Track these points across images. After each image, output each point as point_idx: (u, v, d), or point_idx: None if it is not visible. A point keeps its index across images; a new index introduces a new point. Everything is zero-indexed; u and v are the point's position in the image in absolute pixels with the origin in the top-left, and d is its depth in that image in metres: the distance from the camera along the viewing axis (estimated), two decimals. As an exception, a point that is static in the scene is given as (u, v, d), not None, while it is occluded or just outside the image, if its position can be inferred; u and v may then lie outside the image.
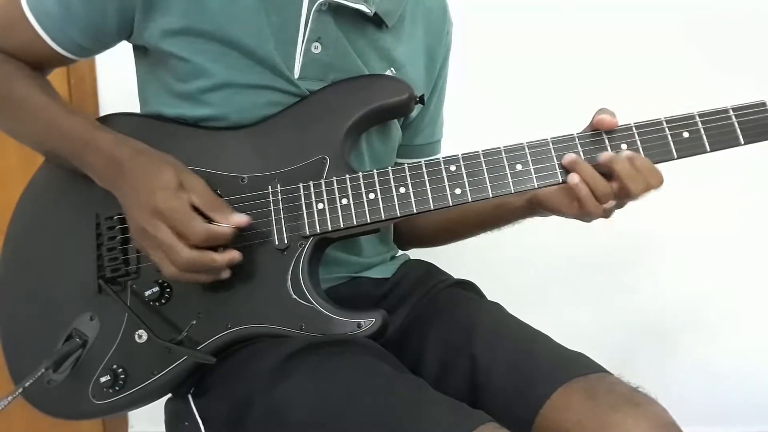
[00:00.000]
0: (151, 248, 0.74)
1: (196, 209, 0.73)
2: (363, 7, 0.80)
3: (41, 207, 0.85)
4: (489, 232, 0.96)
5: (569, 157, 0.75)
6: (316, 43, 0.81)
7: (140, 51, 0.85)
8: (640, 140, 0.76)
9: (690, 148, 0.76)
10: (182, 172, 0.75)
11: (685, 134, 0.76)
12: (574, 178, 0.74)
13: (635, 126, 0.77)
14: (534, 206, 0.85)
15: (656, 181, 0.75)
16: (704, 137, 0.76)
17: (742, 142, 0.76)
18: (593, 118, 0.77)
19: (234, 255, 0.74)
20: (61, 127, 0.79)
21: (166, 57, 0.79)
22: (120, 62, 0.86)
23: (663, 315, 1.58)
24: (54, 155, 0.83)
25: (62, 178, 0.84)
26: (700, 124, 0.76)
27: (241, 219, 0.74)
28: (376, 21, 0.84)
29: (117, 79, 0.89)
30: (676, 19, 1.43)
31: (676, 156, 0.76)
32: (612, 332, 1.57)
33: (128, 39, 0.83)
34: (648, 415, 0.69)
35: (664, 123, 0.77)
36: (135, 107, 0.87)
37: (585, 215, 0.78)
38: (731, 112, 0.76)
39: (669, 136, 0.76)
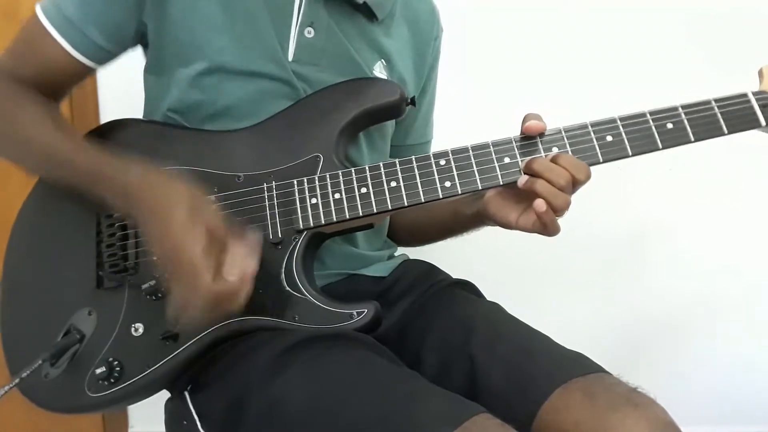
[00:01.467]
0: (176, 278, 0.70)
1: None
2: None
3: (46, 206, 0.87)
4: (451, 238, 0.99)
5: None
6: (309, 28, 0.84)
7: (147, 53, 0.88)
8: (624, 132, 0.78)
9: (675, 139, 0.78)
10: (194, 203, 0.71)
11: (669, 125, 0.78)
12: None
13: (620, 119, 0.79)
14: (482, 218, 0.86)
15: (584, 175, 0.75)
16: (688, 127, 0.78)
17: (726, 132, 0.78)
18: (522, 125, 0.79)
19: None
20: (70, 163, 0.79)
21: (168, 41, 0.82)
22: (120, 63, 0.89)
23: (662, 315, 1.57)
24: (69, 188, 0.81)
25: None
26: (683, 115, 0.78)
27: (251, 267, 0.70)
28: (367, 12, 0.87)
29: (117, 80, 0.92)
30: (675, 19, 1.44)
31: (661, 146, 0.78)
32: (611, 332, 1.56)
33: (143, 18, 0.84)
34: (647, 415, 0.69)
35: (648, 115, 0.79)
36: (135, 108, 0.90)
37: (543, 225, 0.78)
38: (713, 103, 0.78)
39: (653, 128, 0.78)
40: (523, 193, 0.78)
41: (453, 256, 0.92)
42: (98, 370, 0.77)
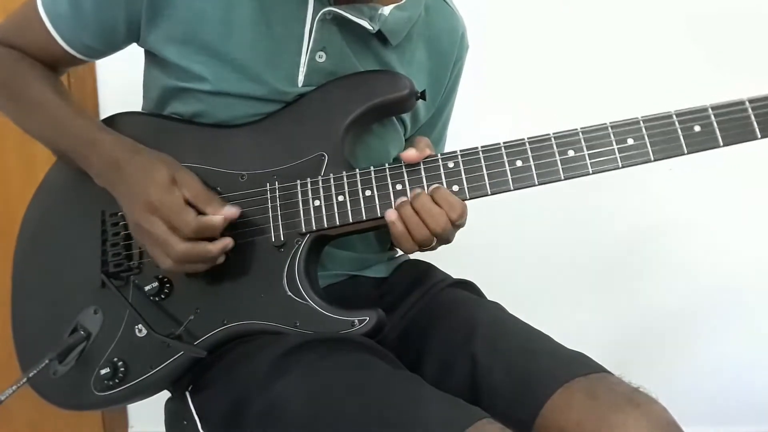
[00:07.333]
0: (148, 243, 0.76)
1: (189, 203, 0.74)
2: (366, 24, 0.79)
3: (52, 204, 0.88)
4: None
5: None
6: (321, 52, 0.81)
7: (146, 50, 0.86)
8: (647, 134, 0.73)
9: (702, 143, 0.72)
10: (176, 169, 0.76)
11: (697, 128, 0.72)
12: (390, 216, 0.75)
13: (642, 120, 0.73)
14: None
15: (456, 215, 0.74)
16: (717, 131, 0.72)
17: (759, 136, 0.72)
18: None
19: (227, 242, 0.75)
20: (68, 128, 0.82)
21: (166, 61, 0.81)
22: (120, 62, 0.89)
23: (664, 315, 1.57)
24: (63, 154, 0.85)
25: (72, 176, 0.86)
26: (713, 117, 0.72)
27: (231, 210, 0.76)
28: (381, 37, 0.83)
29: (117, 79, 0.91)
30: (677, 19, 1.42)
31: (686, 151, 0.73)
32: (613, 332, 1.57)
33: (138, 42, 0.84)
34: (649, 415, 0.68)
35: (674, 116, 0.73)
36: (134, 107, 0.89)
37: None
38: (747, 104, 0.72)
39: (679, 130, 0.72)
40: None
41: (454, 256, 0.90)
42: (103, 371, 0.78)
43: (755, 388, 1.58)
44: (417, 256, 0.95)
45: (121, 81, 0.96)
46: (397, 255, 0.99)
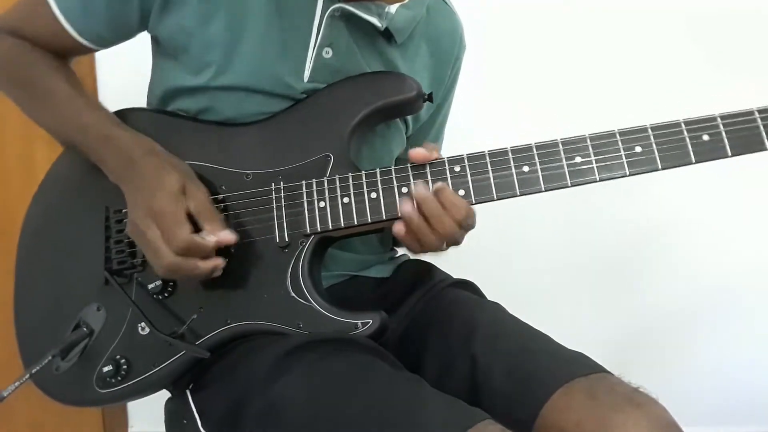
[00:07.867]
0: (141, 245, 0.75)
1: (191, 217, 0.73)
2: (375, 21, 0.80)
3: (55, 199, 0.88)
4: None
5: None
6: (328, 48, 0.81)
7: (155, 41, 0.86)
8: (655, 142, 0.73)
9: (710, 152, 0.72)
10: (188, 179, 0.76)
11: (705, 137, 0.72)
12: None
13: (651, 128, 0.73)
14: None
15: (460, 215, 0.73)
16: (726, 141, 0.72)
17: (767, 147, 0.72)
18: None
19: (218, 262, 0.74)
20: (81, 120, 0.81)
21: (175, 51, 0.81)
22: (120, 61, 0.88)
23: (664, 315, 1.57)
24: (72, 146, 0.84)
25: (76, 171, 0.86)
26: (721, 126, 0.72)
27: (228, 236, 0.74)
28: (387, 35, 0.84)
29: (117, 80, 0.90)
30: (677, 19, 1.41)
31: (694, 160, 0.72)
32: (613, 332, 1.57)
33: (147, 29, 0.84)
34: (649, 415, 0.68)
35: (683, 125, 0.73)
36: (134, 105, 0.88)
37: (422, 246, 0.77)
38: (757, 114, 0.72)
39: (687, 139, 0.72)
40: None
41: (454, 256, 0.90)
42: (105, 368, 0.78)
43: (755, 388, 1.59)
44: (418, 255, 0.95)
45: (121, 81, 0.95)
46: (397, 255, 1.00)
